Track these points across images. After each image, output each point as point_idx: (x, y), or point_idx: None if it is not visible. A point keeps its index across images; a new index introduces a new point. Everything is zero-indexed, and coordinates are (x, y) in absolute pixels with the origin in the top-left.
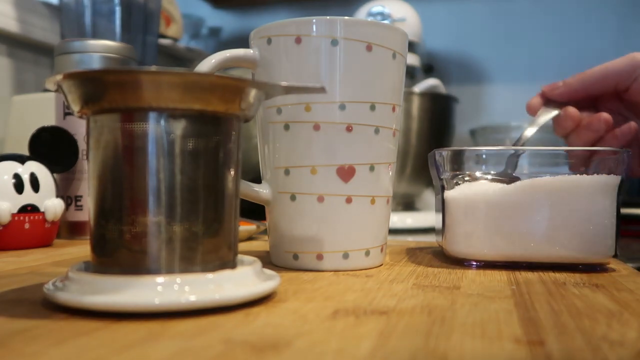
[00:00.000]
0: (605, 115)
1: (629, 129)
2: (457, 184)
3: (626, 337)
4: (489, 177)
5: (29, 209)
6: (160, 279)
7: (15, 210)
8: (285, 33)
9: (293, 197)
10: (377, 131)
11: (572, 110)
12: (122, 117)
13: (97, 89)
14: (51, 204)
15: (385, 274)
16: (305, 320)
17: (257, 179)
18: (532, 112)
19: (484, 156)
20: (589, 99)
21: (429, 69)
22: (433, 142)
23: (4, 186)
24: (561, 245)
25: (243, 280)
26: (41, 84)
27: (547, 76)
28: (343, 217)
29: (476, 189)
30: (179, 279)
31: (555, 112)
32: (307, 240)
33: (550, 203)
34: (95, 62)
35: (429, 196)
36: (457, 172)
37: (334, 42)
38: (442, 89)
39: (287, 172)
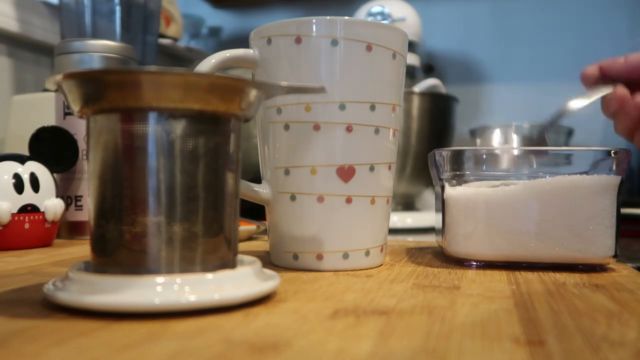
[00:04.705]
0: (638, 99)
1: None
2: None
3: (626, 337)
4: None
5: (29, 209)
6: (160, 279)
7: (15, 210)
8: (285, 33)
9: (293, 197)
10: (377, 131)
11: (620, 90)
12: (122, 117)
13: (97, 89)
14: (51, 204)
15: (385, 274)
16: (305, 320)
17: (257, 179)
18: (587, 82)
19: (484, 156)
20: None
21: (429, 69)
22: (433, 142)
23: (4, 186)
24: (561, 245)
25: (243, 280)
26: (41, 84)
27: (547, 76)
28: (343, 217)
29: (476, 189)
30: (178, 279)
31: (608, 90)
32: (307, 240)
33: (550, 203)
34: (95, 62)
35: (429, 196)
36: (457, 172)
37: (334, 42)
38: (442, 89)
39: (287, 172)
